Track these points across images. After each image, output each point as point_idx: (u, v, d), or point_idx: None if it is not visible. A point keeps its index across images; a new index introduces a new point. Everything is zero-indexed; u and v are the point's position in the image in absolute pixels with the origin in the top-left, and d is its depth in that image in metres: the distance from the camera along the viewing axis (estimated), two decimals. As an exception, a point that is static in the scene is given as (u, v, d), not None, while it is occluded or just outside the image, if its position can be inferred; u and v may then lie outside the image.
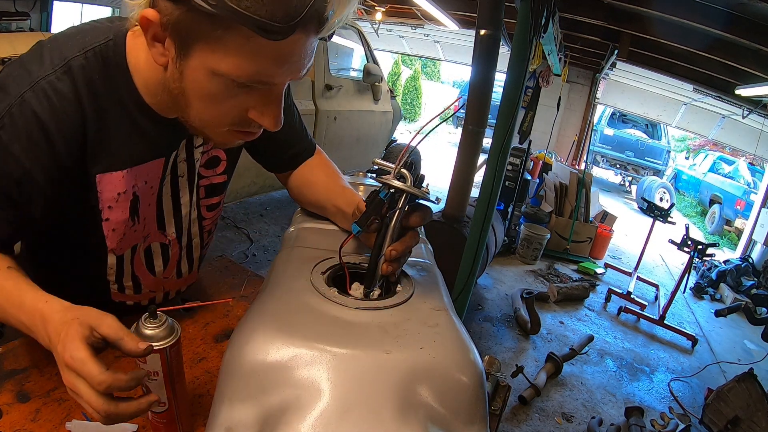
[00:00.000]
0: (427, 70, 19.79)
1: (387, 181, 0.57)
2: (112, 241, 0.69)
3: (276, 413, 0.46)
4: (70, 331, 0.47)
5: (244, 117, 0.56)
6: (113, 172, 0.63)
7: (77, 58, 0.56)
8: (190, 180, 0.76)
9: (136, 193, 0.67)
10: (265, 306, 0.55)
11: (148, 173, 0.67)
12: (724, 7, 2.90)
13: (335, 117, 3.49)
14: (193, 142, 0.73)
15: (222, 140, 0.61)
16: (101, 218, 0.66)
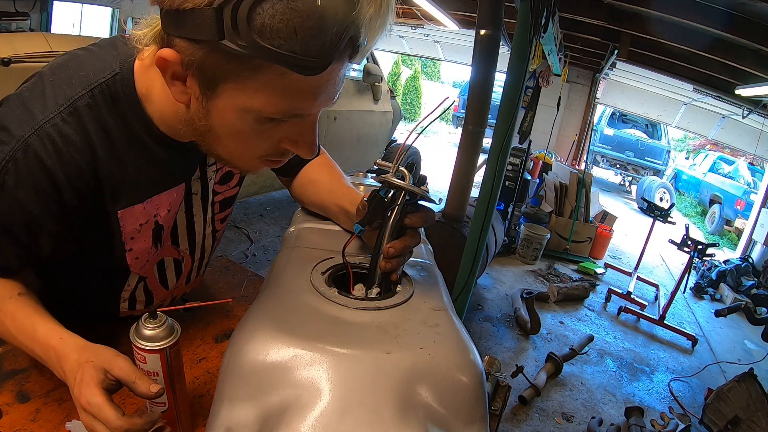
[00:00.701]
0: (427, 70, 19.79)
1: (386, 179, 0.57)
2: (135, 266, 0.69)
3: (276, 413, 0.46)
4: (84, 376, 0.49)
5: (277, 148, 0.54)
6: (134, 206, 0.62)
7: (83, 97, 0.54)
8: (204, 197, 0.75)
9: (159, 221, 0.67)
10: (265, 306, 0.55)
11: (169, 202, 0.66)
12: (724, 7, 2.90)
13: (335, 117, 3.49)
14: (206, 161, 0.71)
15: (250, 169, 0.58)
16: (125, 249, 0.65)
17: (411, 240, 0.60)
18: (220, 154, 0.55)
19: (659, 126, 9.62)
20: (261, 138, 0.51)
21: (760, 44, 2.99)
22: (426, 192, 0.59)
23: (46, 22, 5.32)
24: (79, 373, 0.49)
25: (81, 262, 0.67)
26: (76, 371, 0.50)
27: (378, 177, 0.58)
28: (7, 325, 0.56)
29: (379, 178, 0.58)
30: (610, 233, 4.99)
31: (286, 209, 4.25)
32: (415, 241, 0.61)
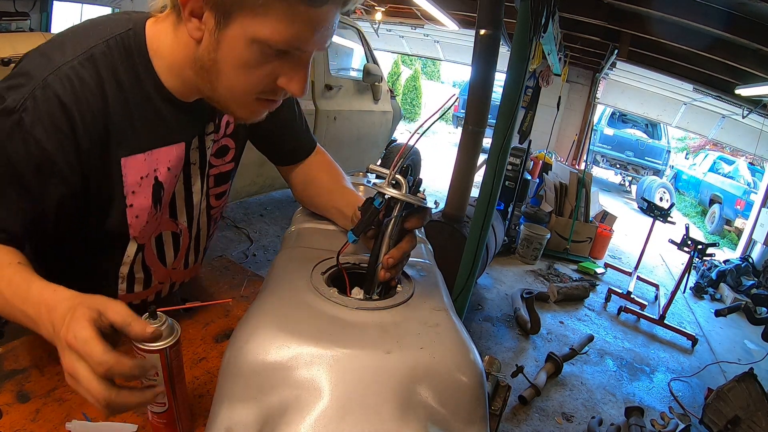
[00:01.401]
0: (427, 70, 19.79)
1: (381, 189, 0.56)
2: (135, 228, 0.69)
3: (276, 413, 0.46)
4: (76, 313, 0.45)
5: (272, 85, 0.58)
6: (136, 155, 0.63)
7: (99, 46, 0.58)
8: (202, 168, 0.76)
9: (159, 178, 0.67)
10: (265, 306, 0.55)
11: (169, 158, 0.67)
12: (724, 7, 2.90)
13: (335, 117, 3.49)
14: (205, 130, 0.73)
15: (245, 112, 0.62)
16: (125, 204, 0.66)
17: (408, 245, 0.61)
18: (220, 91, 0.59)
19: (659, 126, 9.62)
20: (262, 70, 0.56)
21: (760, 44, 2.99)
22: (423, 200, 0.58)
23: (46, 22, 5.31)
24: (69, 314, 0.46)
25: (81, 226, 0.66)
26: (65, 315, 0.46)
27: (373, 186, 0.57)
28: (2, 291, 0.52)
29: (374, 186, 0.57)
30: (610, 233, 4.99)
31: (286, 209, 4.25)
32: (412, 244, 0.62)
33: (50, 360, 0.70)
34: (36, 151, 0.54)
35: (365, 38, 3.96)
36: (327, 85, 3.35)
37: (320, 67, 3.28)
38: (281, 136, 0.87)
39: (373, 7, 5.97)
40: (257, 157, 0.95)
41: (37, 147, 0.54)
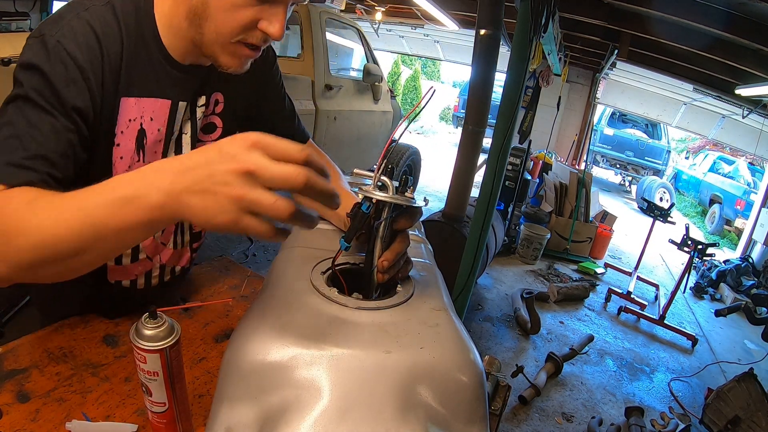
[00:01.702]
0: (427, 70, 19.80)
1: (368, 193, 0.56)
2: (118, 170, 0.70)
3: (276, 413, 0.46)
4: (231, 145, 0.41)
5: (254, 28, 0.63)
6: (130, 97, 0.68)
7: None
8: (193, 139, 0.79)
9: (143, 126, 0.71)
10: (265, 306, 0.55)
11: (153, 109, 0.71)
12: (724, 7, 2.91)
13: (335, 117, 3.49)
14: (196, 102, 0.77)
15: (229, 59, 0.66)
16: (114, 142, 0.69)
17: (401, 245, 0.61)
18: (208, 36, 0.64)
19: (659, 126, 9.62)
20: (245, 12, 0.61)
21: (760, 44, 2.99)
22: (411, 199, 0.58)
23: (46, 22, 5.31)
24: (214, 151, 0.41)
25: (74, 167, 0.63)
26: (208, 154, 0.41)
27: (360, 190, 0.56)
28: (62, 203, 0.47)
29: (361, 191, 0.56)
30: (610, 233, 4.99)
31: (286, 209, 4.24)
32: (405, 244, 0.61)
33: (50, 360, 0.70)
34: (72, 67, 0.59)
35: (365, 38, 3.96)
36: (327, 85, 3.35)
37: (320, 67, 3.28)
38: (270, 125, 0.90)
39: (373, 7, 5.97)
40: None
41: (74, 63, 0.60)
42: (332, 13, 3.59)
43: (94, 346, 0.76)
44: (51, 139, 0.57)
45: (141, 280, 0.84)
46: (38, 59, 0.59)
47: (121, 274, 0.81)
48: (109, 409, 0.63)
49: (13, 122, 0.57)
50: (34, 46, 0.60)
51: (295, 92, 3.05)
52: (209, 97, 0.79)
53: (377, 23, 6.38)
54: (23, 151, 0.55)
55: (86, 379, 0.68)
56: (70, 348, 0.74)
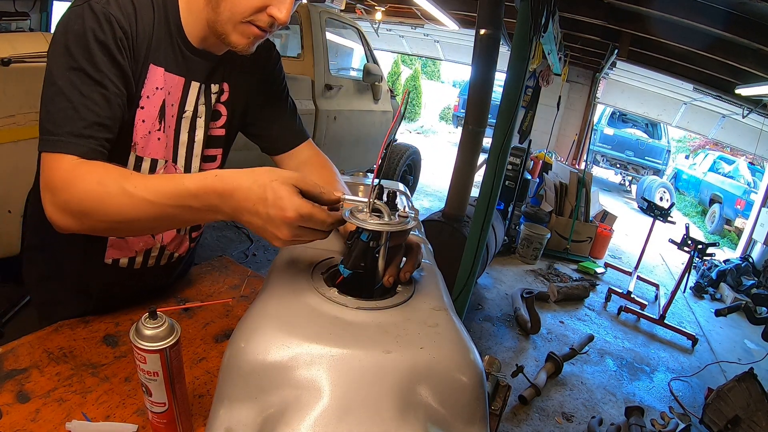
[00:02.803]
0: (427, 69, 19.79)
1: (364, 225, 0.56)
2: (138, 132, 0.73)
3: (276, 413, 0.46)
4: (281, 193, 0.54)
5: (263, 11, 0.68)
6: (159, 66, 0.73)
7: None
8: (206, 123, 0.82)
9: (164, 98, 0.75)
10: (265, 306, 0.55)
11: (172, 85, 0.75)
12: (724, 7, 2.90)
13: (335, 117, 3.49)
14: (210, 87, 0.81)
15: (239, 37, 0.70)
16: (139, 105, 0.72)
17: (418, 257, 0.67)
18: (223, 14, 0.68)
19: (659, 125, 9.62)
20: None
21: (761, 44, 2.99)
22: (405, 219, 0.59)
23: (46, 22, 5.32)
24: (269, 192, 0.54)
25: None
26: (260, 192, 0.54)
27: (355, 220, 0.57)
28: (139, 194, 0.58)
29: (355, 221, 0.57)
30: (610, 233, 4.99)
31: (286, 209, 4.24)
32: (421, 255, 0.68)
33: (50, 360, 0.70)
34: (118, 31, 0.65)
35: (365, 38, 3.96)
36: (327, 85, 3.35)
37: (320, 67, 3.28)
38: (271, 122, 0.92)
39: (373, 6, 5.97)
40: (257, 158, 0.95)
41: (120, 27, 0.65)
42: (332, 12, 3.59)
43: (94, 346, 0.76)
44: (104, 107, 0.64)
45: (139, 258, 0.85)
46: (88, 24, 0.62)
47: (122, 249, 0.82)
48: (109, 409, 0.63)
49: (66, 93, 0.62)
50: (81, 13, 0.63)
51: (295, 92, 3.02)
52: (220, 85, 0.82)
53: (377, 23, 6.38)
54: (81, 120, 0.62)
55: (86, 379, 0.68)
56: (70, 348, 0.74)
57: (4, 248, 1.69)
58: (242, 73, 0.84)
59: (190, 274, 1.06)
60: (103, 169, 0.61)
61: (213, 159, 0.88)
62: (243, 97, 0.87)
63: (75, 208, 0.60)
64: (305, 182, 0.56)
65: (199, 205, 0.57)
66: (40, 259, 0.87)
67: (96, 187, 0.59)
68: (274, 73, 0.91)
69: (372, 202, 0.58)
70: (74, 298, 0.84)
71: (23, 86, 1.55)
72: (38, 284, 0.88)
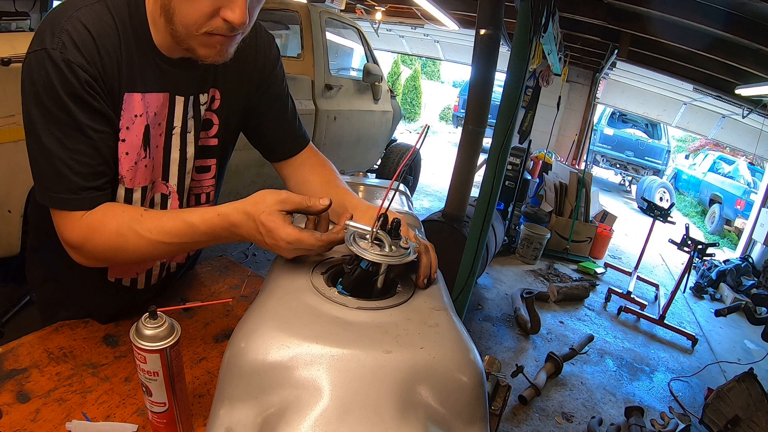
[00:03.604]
0: (427, 69, 19.78)
1: (363, 254, 0.57)
2: (124, 166, 0.71)
3: (276, 413, 0.46)
4: (269, 225, 0.60)
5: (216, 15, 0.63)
6: (134, 93, 0.69)
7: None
8: (196, 137, 0.81)
9: (148, 122, 0.72)
10: (265, 306, 0.55)
11: (156, 104, 0.72)
12: (724, 7, 2.90)
13: (335, 117, 3.49)
14: (199, 99, 0.78)
15: (205, 50, 0.67)
16: (119, 138, 0.69)
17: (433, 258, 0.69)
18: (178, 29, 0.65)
19: (659, 126, 9.62)
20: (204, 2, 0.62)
21: (760, 44, 2.99)
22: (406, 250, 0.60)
23: (46, 22, 5.31)
24: (261, 227, 0.61)
25: None
26: (255, 227, 0.61)
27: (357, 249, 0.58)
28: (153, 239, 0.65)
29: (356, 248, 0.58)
30: (610, 233, 4.99)
31: (286, 209, 4.24)
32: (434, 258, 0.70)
33: (50, 360, 0.70)
34: (82, 76, 0.62)
35: (365, 38, 3.96)
36: (327, 85, 3.35)
37: (320, 67, 3.28)
38: (272, 129, 0.90)
39: (373, 6, 5.97)
40: (257, 158, 0.95)
41: (83, 71, 0.62)
42: (332, 13, 3.59)
43: (94, 346, 0.76)
44: (94, 156, 0.65)
45: (142, 278, 0.84)
46: (52, 76, 0.61)
47: (122, 271, 0.81)
48: (109, 409, 0.63)
49: (53, 151, 0.62)
50: (42, 62, 0.61)
51: (295, 92, 3.01)
52: (209, 94, 0.79)
53: (377, 23, 6.38)
54: (76, 176, 0.63)
55: (86, 379, 0.68)
56: (70, 348, 0.74)
57: (4, 248, 1.69)
58: (237, 77, 0.80)
59: (190, 274, 1.06)
60: (114, 216, 0.66)
61: (207, 169, 0.86)
62: (238, 102, 0.84)
63: (100, 257, 0.68)
64: (290, 202, 0.62)
65: (208, 239, 0.66)
66: (42, 261, 0.87)
67: (115, 238, 0.65)
68: (274, 74, 0.87)
69: (375, 231, 0.59)
70: (77, 300, 0.84)
71: (23, 86, 1.55)
72: (41, 285, 0.88)
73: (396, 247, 0.59)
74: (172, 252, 0.68)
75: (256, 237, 0.62)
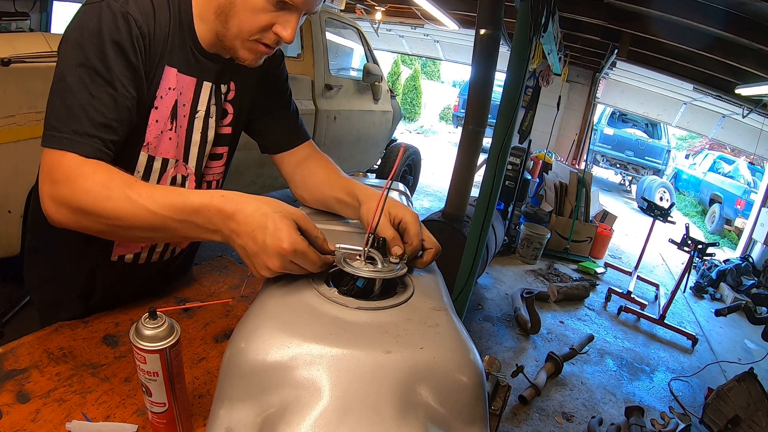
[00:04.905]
0: (427, 69, 19.78)
1: (359, 273, 0.58)
2: (151, 132, 0.74)
3: (276, 413, 0.46)
4: (281, 224, 0.56)
5: (269, 30, 0.71)
6: (172, 67, 0.73)
7: None
8: (217, 123, 0.84)
9: (177, 98, 0.75)
10: (265, 306, 0.55)
11: (184, 86, 0.76)
12: (724, 7, 2.90)
13: (335, 117, 3.49)
14: (220, 88, 0.82)
15: (246, 52, 0.74)
16: (153, 105, 0.73)
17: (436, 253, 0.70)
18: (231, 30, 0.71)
19: (659, 125, 9.62)
20: (265, 15, 0.69)
21: (761, 44, 2.99)
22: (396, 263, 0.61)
23: (46, 22, 5.32)
24: (270, 222, 0.56)
25: None
26: (262, 221, 0.56)
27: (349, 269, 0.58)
28: (141, 203, 0.59)
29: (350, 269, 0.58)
30: (610, 233, 4.99)
31: (286, 209, 4.24)
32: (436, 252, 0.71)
33: (50, 360, 0.70)
34: (135, 31, 0.65)
35: (365, 38, 3.96)
36: (327, 85, 3.35)
37: (320, 67, 3.28)
38: (275, 121, 0.93)
39: (373, 6, 5.97)
40: (257, 158, 0.95)
41: (137, 27, 0.65)
42: (332, 13, 3.59)
43: (94, 346, 0.76)
44: (112, 108, 0.64)
45: (144, 254, 0.86)
46: (105, 23, 0.63)
47: (128, 246, 0.83)
48: (109, 410, 0.63)
49: (74, 91, 0.62)
50: (98, 12, 0.63)
51: (295, 92, 3.01)
52: (228, 85, 0.83)
53: (377, 23, 6.38)
54: (88, 120, 0.62)
55: (86, 380, 0.68)
56: (70, 348, 0.74)
57: (4, 248, 1.69)
58: (248, 72, 0.84)
59: (190, 274, 1.06)
60: (108, 172, 0.61)
61: (219, 157, 0.89)
62: (248, 95, 0.88)
63: (74, 204, 0.60)
64: (306, 221, 0.59)
65: (199, 221, 0.59)
66: (42, 261, 0.87)
67: (100, 188, 0.60)
68: (277, 72, 0.92)
69: (366, 250, 0.60)
70: (76, 300, 0.84)
71: (23, 86, 1.56)
72: (40, 286, 0.88)
73: (387, 263, 0.61)
74: (156, 226, 0.60)
75: (254, 233, 0.56)
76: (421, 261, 0.69)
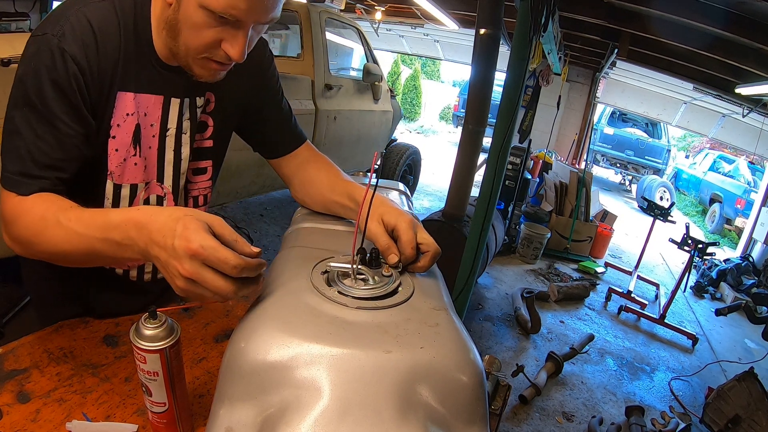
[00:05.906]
0: (427, 69, 19.77)
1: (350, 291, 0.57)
2: (113, 162, 0.73)
3: (276, 413, 0.46)
4: (190, 224, 0.50)
5: (218, 48, 0.67)
6: (127, 92, 0.71)
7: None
8: (191, 138, 0.82)
9: (139, 121, 0.74)
10: (265, 306, 0.55)
11: (148, 105, 0.74)
12: (724, 6, 2.90)
13: (335, 117, 3.49)
14: (196, 102, 0.80)
15: (201, 70, 0.71)
16: (109, 135, 0.71)
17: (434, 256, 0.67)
18: (180, 48, 0.68)
19: (659, 125, 9.62)
20: (208, 32, 0.65)
21: (761, 43, 2.99)
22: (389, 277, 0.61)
23: (46, 23, 5.31)
24: (179, 225, 0.50)
25: None
26: (172, 225, 0.51)
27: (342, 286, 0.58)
28: (71, 227, 0.58)
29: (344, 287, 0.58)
30: (611, 232, 4.99)
31: (286, 209, 4.25)
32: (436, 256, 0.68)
33: (50, 360, 0.70)
34: (73, 68, 0.63)
35: (365, 38, 3.95)
36: (327, 85, 3.35)
37: (320, 67, 3.28)
38: (269, 127, 0.91)
39: (373, 6, 5.97)
40: (257, 158, 0.95)
41: (75, 64, 0.63)
42: (332, 12, 3.59)
43: (94, 346, 0.76)
44: (57, 149, 0.64)
45: (134, 272, 0.86)
46: (43, 61, 0.62)
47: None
48: (110, 409, 0.63)
49: (22, 132, 0.63)
50: (38, 46, 0.63)
51: (295, 92, 3.04)
52: (205, 97, 0.81)
53: (377, 23, 6.38)
54: (32, 163, 0.63)
55: (86, 380, 0.68)
56: (71, 348, 0.74)
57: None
58: (232, 81, 0.80)
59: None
60: (46, 203, 0.63)
61: (203, 171, 0.87)
62: (232, 105, 0.85)
63: (21, 239, 0.64)
64: (223, 226, 0.52)
65: (119, 238, 0.55)
66: (41, 261, 0.87)
67: (37, 221, 0.61)
68: (267, 76, 0.89)
69: (356, 268, 0.60)
70: (74, 300, 0.84)
71: (23, 86, 1.55)
72: (38, 286, 0.88)
73: (379, 277, 0.60)
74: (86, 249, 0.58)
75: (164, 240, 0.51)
76: (419, 266, 0.66)
